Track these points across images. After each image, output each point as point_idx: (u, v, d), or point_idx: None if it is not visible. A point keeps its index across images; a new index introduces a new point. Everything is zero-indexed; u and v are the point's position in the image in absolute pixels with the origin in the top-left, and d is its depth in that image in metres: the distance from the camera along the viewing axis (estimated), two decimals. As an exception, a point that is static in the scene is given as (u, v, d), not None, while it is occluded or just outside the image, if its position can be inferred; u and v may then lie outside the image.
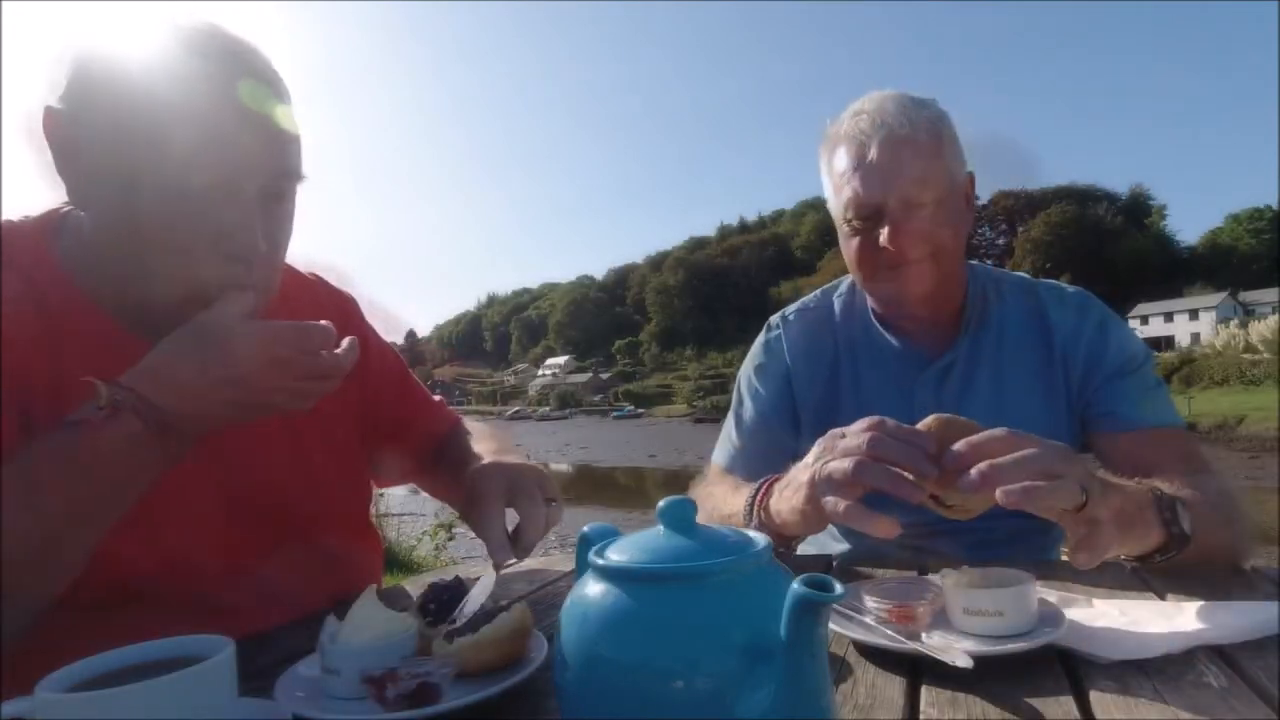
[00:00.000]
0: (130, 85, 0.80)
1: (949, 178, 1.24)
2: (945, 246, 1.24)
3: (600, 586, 0.49)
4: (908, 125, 1.21)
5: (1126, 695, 0.64)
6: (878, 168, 1.21)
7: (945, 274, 1.27)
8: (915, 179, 1.21)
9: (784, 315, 1.50)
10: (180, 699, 0.52)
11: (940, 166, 1.23)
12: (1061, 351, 1.29)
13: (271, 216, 0.88)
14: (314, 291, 1.16)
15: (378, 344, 1.23)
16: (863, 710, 0.64)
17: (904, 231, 1.21)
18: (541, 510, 0.93)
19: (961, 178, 1.28)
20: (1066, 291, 1.36)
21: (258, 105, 0.84)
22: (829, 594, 0.42)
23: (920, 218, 1.22)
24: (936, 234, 1.23)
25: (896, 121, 1.21)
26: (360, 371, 1.17)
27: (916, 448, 0.81)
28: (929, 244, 1.23)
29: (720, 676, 0.44)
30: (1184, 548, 0.89)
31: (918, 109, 1.24)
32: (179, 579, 0.90)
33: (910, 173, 1.21)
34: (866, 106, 1.26)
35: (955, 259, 1.28)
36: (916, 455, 0.80)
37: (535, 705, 0.68)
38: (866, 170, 1.22)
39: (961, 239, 1.28)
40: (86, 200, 0.87)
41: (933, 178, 1.21)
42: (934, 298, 1.30)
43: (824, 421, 1.41)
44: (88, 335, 0.88)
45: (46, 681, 0.53)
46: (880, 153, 1.21)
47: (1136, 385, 1.25)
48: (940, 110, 1.27)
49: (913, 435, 0.83)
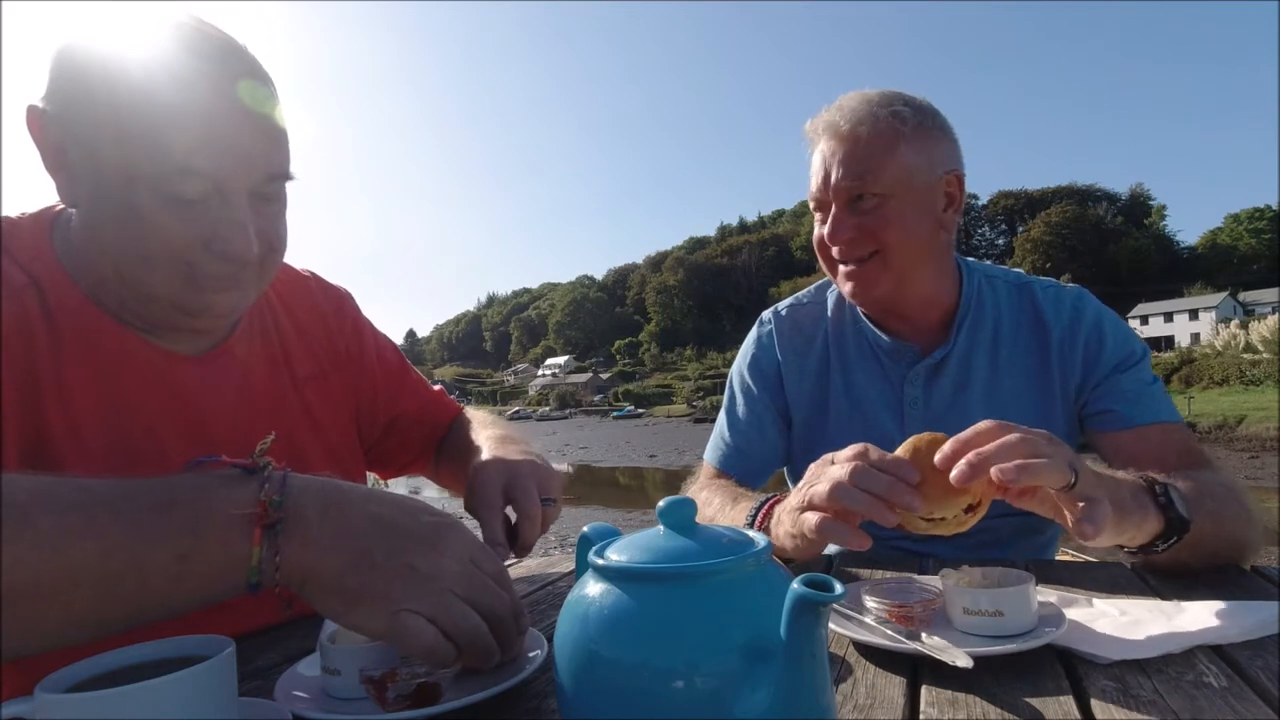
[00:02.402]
0: (115, 84, 0.79)
1: (904, 175, 1.21)
2: (892, 247, 1.22)
3: (600, 586, 0.49)
4: (852, 121, 1.21)
5: (1126, 695, 0.64)
6: (825, 162, 1.24)
7: (898, 275, 1.25)
8: (855, 174, 1.21)
9: (776, 310, 1.49)
10: (180, 699, 0.52)
11: (893, 163, 1.20)
12: (1057, 349, 1.28)
13: (264, 216, 0.87)
14: (308, 289, 1.16)
15: (374, 338, 1.23)
16: (863, 710, 0.64)
17: (843, 227, 1.23)
18: (538, 509, 0.92)
19: (931, 176, 1.24)
20: (1062, 289, 1.34)
21: (251, 104, 0.83)
22: (829, 594, 0.42)
23: (863, 213, 1.22)
24: (881, 231, 1.21)
25: (846, 117, 1.22)
26: (356, 368, 1.17)
27: (899, 480, 0.81)
28: (874, 241, 1.22)
29: (720, 676, 0.44)
30: (1184, 533, 0.87)
31: (881, 105, 1.22)
32: None
33: (852, 168, 1.21)
34: (839, 102, 1.27)
35: (910, 258, 1.25)
36: (898, 488, 0.81)
37: (535, 705, 0.68)
38: (819, 165, 1.26)
39: (923, 238, 1.25)
40: (75, 198, 0.86)
41: (880, 174, 1.20)
42: (894, 299, 1.29)
43: (814, 419, 1.40)
44: (88, 333, 0.88)
45: (46, 681, 0.53)
46: (828, 147, 1.24)
47: (1133, 382, 1.24)
48: (916, 108, 1.24)
49: (896, 466, 0.83)
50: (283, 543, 0.62)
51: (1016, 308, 1.34)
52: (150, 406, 0.91)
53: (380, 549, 0.64)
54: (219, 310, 0.89)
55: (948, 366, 1.31)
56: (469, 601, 0.65)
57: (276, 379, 1.05)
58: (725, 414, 1.48)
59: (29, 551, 0.56)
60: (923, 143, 1.23)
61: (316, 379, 1.10)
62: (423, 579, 0.64)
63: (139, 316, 0.90)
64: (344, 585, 0.63)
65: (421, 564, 0.64)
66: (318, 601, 0.64)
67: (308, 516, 0.64)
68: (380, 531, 0.65)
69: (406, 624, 0.62)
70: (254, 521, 0.62)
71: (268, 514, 0.62)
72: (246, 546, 0.61)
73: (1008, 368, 1.30)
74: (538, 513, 0.92)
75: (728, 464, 1.42)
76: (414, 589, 0.63)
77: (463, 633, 0.64)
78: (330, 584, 0.63)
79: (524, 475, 0.96)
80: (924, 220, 1.25)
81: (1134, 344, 1.28)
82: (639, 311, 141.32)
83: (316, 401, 1.09)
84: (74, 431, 0.85)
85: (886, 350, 1.35)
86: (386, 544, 0.64)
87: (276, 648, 0.88)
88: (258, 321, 1.06)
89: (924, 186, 1.24)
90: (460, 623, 0.64)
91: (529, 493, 0.93)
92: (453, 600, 0.64)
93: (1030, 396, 1.29)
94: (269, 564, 0.62)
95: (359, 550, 0.64)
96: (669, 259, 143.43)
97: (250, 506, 0.62)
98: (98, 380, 0.88)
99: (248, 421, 0.99)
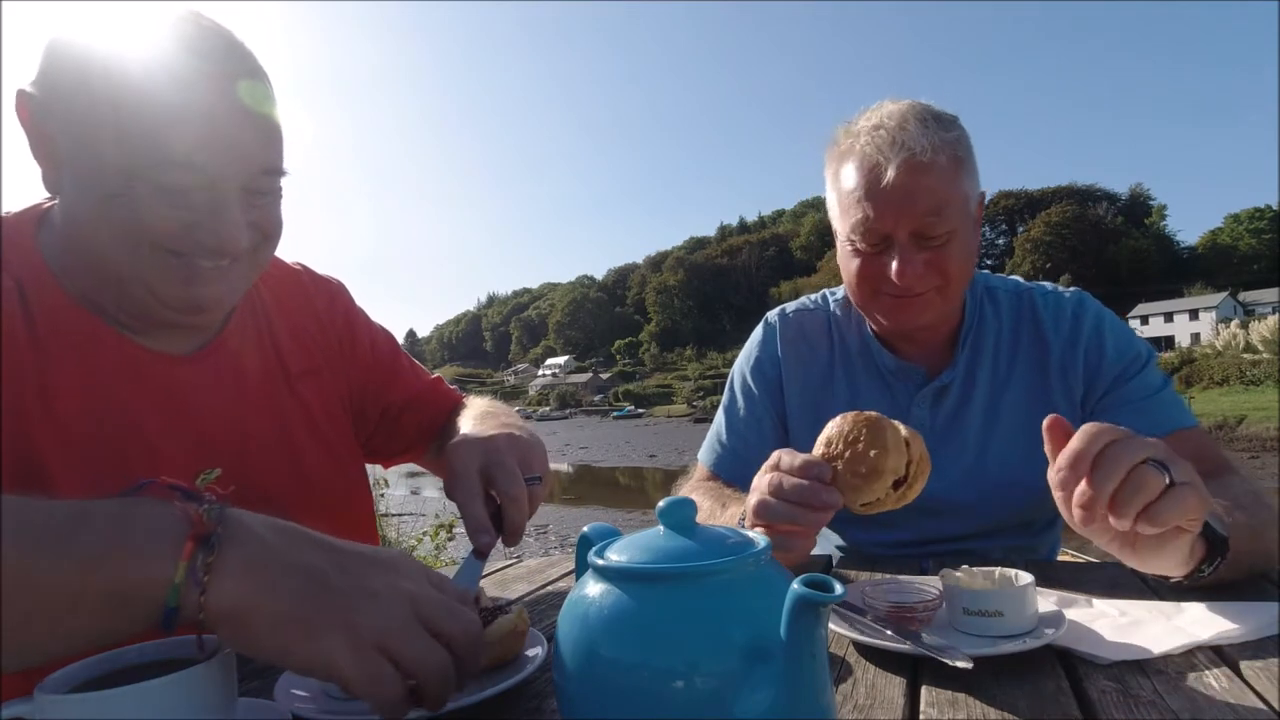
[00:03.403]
0: (111, 77, 0.78)
1: (965, 206, 1.16)
2: (955, 278, 1.18)
3: (600, 586, 0.49)
4: (929, 150, 1.11)
5: (1126, 695, 0.64)
6: (893, 195, 1.12)
7: (950, 305, 1.23)
8: (932, 210, 1.12)
9: (783, 311, 1.47)
10: (180, 699, 0.52)
11: (959, 196, 1.15)
12: (1057, 363, 1.26)
13: (257, 208, 0.86)
14: (300, 282, 1.15)
15: (366, 328, 1.21)
16: (863, 710, 0.64)
17: (914, 264, 1.14)
18: (523, 489, 0.83)
19: (975, 202, 1.21)
20: (1062, 297, 1.31)
21: (248, 102, 0.82)
22: (829, 594, 0.42)
23: (932, 249, 1.15)
24: (947, 266, 1.16)
25: (918, 144, 1.12)
26: (349, 360, 1.16)
27: (812, 480, 0.85)
28: (939, 276, 1.17)
29: (720, 676, 0.44)
30: (1225, 553, 0.82)
31: (941, 129, 1.15)
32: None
33: (928, 204, 1.12)
34: (886, 121, 1.16)
35: (962, 288, 1.23)
36: (813, 490, 0.84)
37: (535, 705, 0.68)
38: (880, 196, 1.13)
39: (971, 267, 1.22)
40: (59, 186, 0.85)
41: (950, 209, 1.14)
42: (934, 326, 1.27)
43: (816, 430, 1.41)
44: (73, 335, 0.87)
45: (46, 682, 0.53)
46: (897, 178, 1.12)
47: (1141, 390, 1.20)
48: (962, 130, 1.19)
49: (808, 468, 0.86)
50: (216, 565, 0.53)
51: (1016, 320, 1.31)
52: (140, 408, 0.90)
53: (333, 569, 0.57)
54: (207, 303, 0.87)
55: (951, 389, 1.30)
56: (432, 626, 0.57)
57: (270, 376, 1.04)
58: (724, 414, 1.46)
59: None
60: (972, 167, 1.19)
61: (311, 375, 1.09)
62: (385, 602, 0.56)
63: (128, 315, 0.90)
64: (297, 614, 0.54)
65: (380, 585, 0.57)
66: (260, 639, 0.54)
67: (250, 536, 0.56)
68: (330, 554, 0.58)
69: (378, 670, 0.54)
70: (185, 535, 0.53)
71: (203, 525, 0.54)
72: (169, 563, 0.52)
73: (1008, 383, 1.29)
74: (522, 493, 0.83)
75: (721, 467, 1.41)
76: (376, 613, 0.55)
77: (426, 668, 0.56)
78: (281, 613, 0.54)
79: (501, 452, 0.85)
80: (973, 248, 1.22)
81: (1137, 348, 1.24)
82: (639, 311, 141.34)
83: (311, 398, 1.08)
84: (58, 435, 0.84)
85: (892, 371, 1.33)
86: (339, 564, 0.57)
87: (276, 648, 0.88)
88: (249, 319, 1.04)
89: (973, 215, 1.21)
90: (425, 656, 0.56)
91: (510, 472, 0.83)
92: (417, 630, 0.56)
93: (1030, 411, 1.25)
94: (193, 588, 0.52)
95: (310, 571, 0.56)
96: (669, 259, 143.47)
97: (181, 521, 0.54)
98: (84, 383, 0.87)
99: (242, 420, 0.98)
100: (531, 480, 0.85)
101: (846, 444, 0.85)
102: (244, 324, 1.03)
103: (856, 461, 0.83)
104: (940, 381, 1.30)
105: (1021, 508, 1.26)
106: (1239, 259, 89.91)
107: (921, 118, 1.15)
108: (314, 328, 1.12)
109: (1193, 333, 58.84)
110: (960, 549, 1.27)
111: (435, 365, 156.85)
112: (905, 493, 0.84)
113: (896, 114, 1.17)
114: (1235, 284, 73.25)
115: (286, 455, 1.03)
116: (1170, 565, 0.81)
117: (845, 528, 1.40)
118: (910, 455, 0.84)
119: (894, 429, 0.85)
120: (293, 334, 1.09)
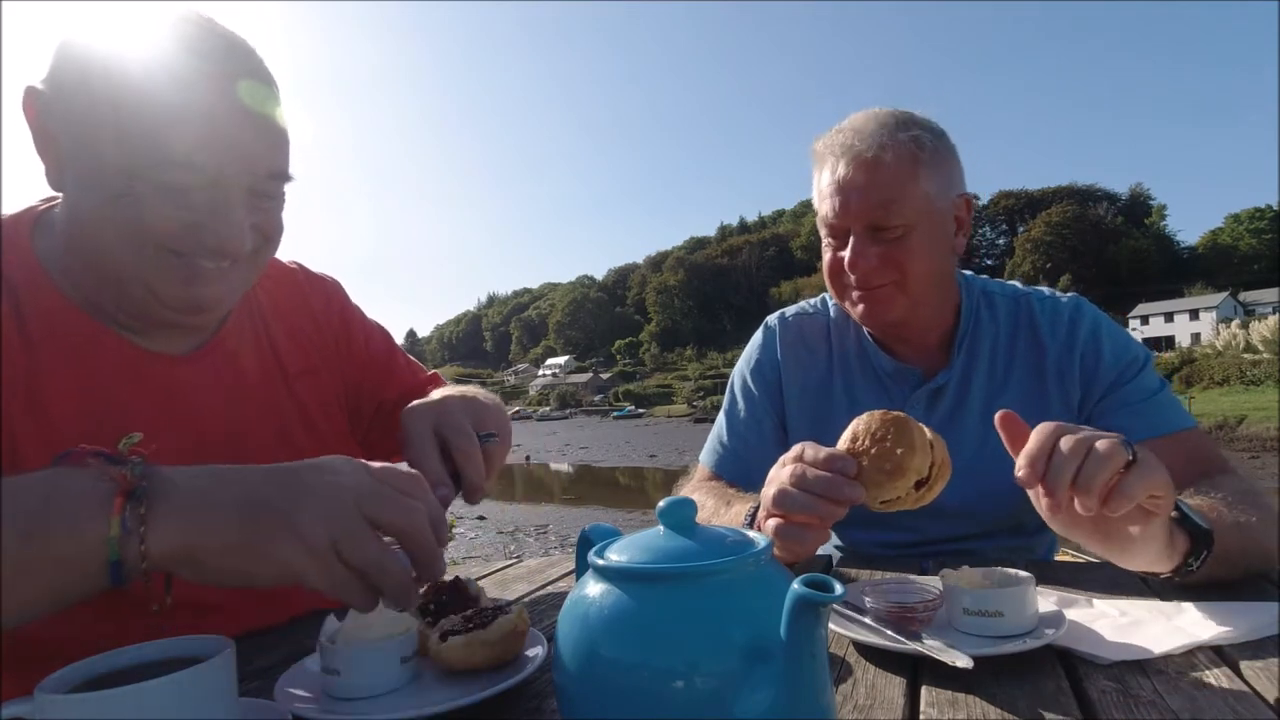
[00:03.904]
0: (116, 79, 0.79)
1: (925, 203, 1.19)
2: (913, 273, 1.21)
3: (600, 586, 0.49)
4: (876, 147, 1.17)
5: (1126, 695, 0.64)
6: (844, 189, 1.20)
7: (914, 301, 1.24)
8: (880, 204, 1.18)
9: (783, 315, 1.48)
10: (180, 699, 0.52)
11: (914, 192, 1.18)
12: (1054, 367, 1.26)
13: (260, 211, 0.87)
14: (295, 281, 1.15)
15: (362, 325, 1.21)
16: (863, 710, 0.64)
17: (865, 256, 1.20)
18: (475, 446, 0.83)
19: (945, 202, 1.23)
20: (1059, 302, 1.32)
21: (251, 104, 0.83)
22: (829, 594, 0.42)
23: (886, 242, 1.19)
24: (904, 260, 1.19)
25: (867, 143, 1.18)
26: (345, 358, 1.16)
27: (837, 474, 0.85)
28: (895, 270, 1.20)
29: (720, 676, 0.44)
30: (1211, 545, 0.84)
31: (900, 129, 1.19)
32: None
33: (877, 197, 1.17)
34: (851, 123, 1.24)
35: (928, 286, 1.25)
36: (836, 484, 0.84)
37: (535, 705, 0.68)
38: (835, 189, 1.21)
39: (940, 265, 1.25)
40: (63, 183, 0.85)
41: (902, 204, 1.18)
42: (906, 323, 1.28)
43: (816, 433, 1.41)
44: (68, 336, 0.87)
45: (46, 682, 0.53)
46: (847, 173, 1.19)
47: (1138, 393, 1.21)
48: (931, 131, 1.22)
49: (832, 462, 0.86)
50: (149, 515, 0.57)
51: (1013, 324, 1.32)
52: (137, 408, 0.90)
53: (268, 486, 0.59)
54: (208, 303, 0.88)
55: (947, 391, 1.31)
56: (378, 520, 0.60)
57: (268, 376, 1.04)
58: (725, 416, 1.47)
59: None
60: (939, 167, 1.22)
61: (308, 374, 1.09)
62: (326, 502, 0.59)
63: (127, 315, 0.90)
64: (241, 538, 0.57)
65: (318, 485, 0.59)
66: (213, 569, 0.58)
67: (176, 484, 0.59)
68: (264, 475, 0.61)
69: (337, 573, 0.58)
70: (113, 491, 0.57)
71: (127, 481, 0.57)
72: (102, 522, 0.56)
73: (1004, 387, 1.29)
74: (475, 450, 0.82)
75: (723, 467, 1.41)
76: (320, 515, 0.58)
77: (379, 572, 0.59)
78: (227, 543, 0.57)
79: (454, 412, 0.86)
80: (941, 247, 1.24)
81: (1134, 351, 1.25)
82: (639, 311, 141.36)
83: (309, 397, 1.08)
84: (50, 437, 0.84)
85: (889, 373, 1.34)
86: (273, 481, 0.60)
87: (276, 648, 0.88)
88: (246, 319, 1.05)
89: (940, 213, 1.23)
90: (375, 561, 0.59)
91: (461, 429, 0.83)
92: (364, 532, 0.59)
93: (1027, 415, 1.23)
94: (132, 539, 0.56)
95: (245, 496, 0.59)
96: (669, 259, 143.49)
97: (106, 482, 0.58)
98: (80, 385, 0.87)
99: (241, 419, 0.98)
100: (486, 437, 0.85)
101: (874, 440, 0.84)
102: (241, 324, 1.04)
103: (883, 458, 0.83)
104: (936, 383, 1.31)
105: (1017, 509, 1.26)
106: (1239, 259, 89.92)
107: (881, 120, 1.22)
108: (310, 327, 1.13)
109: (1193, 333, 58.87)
110: (958, 549, 1.27)
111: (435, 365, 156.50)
112: (924, 494, 0.84)
113: (861, 117, 1.25)
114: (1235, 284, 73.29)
115: (284, 454, 1.02)
116: (1151, 557, 0.82)
117: (845, 528, 1.41)
118: (934, 458, 0.84)
119: (920, 430, 0.85)
120: (290, 334, 1.09)
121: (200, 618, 0.87)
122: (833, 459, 0.86)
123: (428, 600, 0.81)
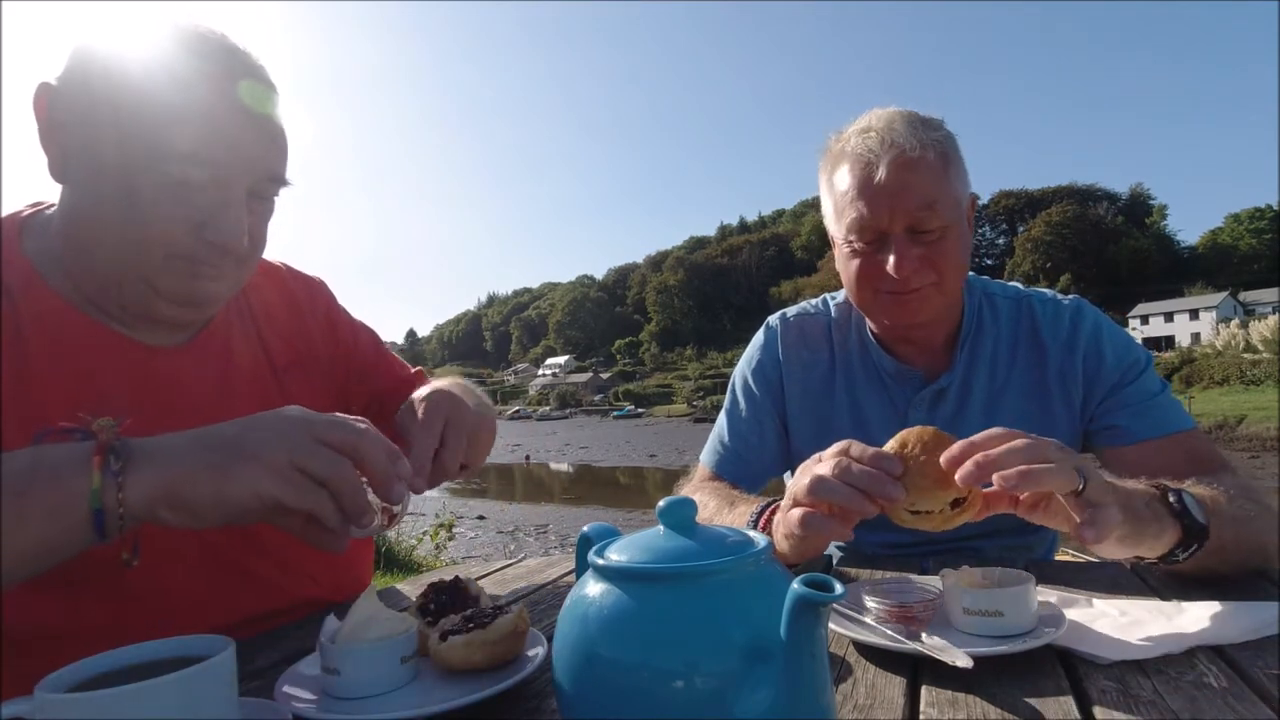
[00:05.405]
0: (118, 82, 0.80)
1: (955, 202, 1.19)
2: (950, 273, 1.20)
3: (600, 586, 0.49)
4: (918, 146, 1.16)
5: (1126, 695, 0.64)
6: (885, 191, 1.16)
7: (950, 301, 1.25)
8: (923, 204, 1.16)
9: (784, 316, 1.47)
10: (180, 699, 0.52)
11: (948, 191, 1.18)
12: (1055, 369, 1.27)
13: (254, 213, 0.88)
14: (281, 279, 1.16)
15: (349, 324, 1.22)
16: (863, 710, 0.64)
17: (910, 258, 1.17)
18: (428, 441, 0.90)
19: (966, 201, 1.24)
20: (1060, 304, 1.32)
21: (252, 105, 0.84)
22: (829, 594, 0.42)
23: (926, 244, 1.18)
24: (942, 261, 1.18)
25: (907, 142, 1.16)
26: (331, 355, 1.17)
27: (881, 471, 0.82)
28: (934, 271, 1.19)
29: (720, 676, 0.44)
30: (1204, 540, 0.85)
31: (927, 129, 1.19)
32: (166, 576, 0.90)
33: (919, 198, 1.16)
34: (875, 124, 1.21)
35: (959, 284, 1.25)
36: (879, 480, 0.81)
37: (535, 705, 0.68)
38: (874, 193, 1.17)
39: (966, 266, 1.25)
40: (65, 177, 0.86)
41: (941, 203, 1.16)
42: (935, 322, 1.28)
43: (816, 433, 1.40)
44: (59, 330, 0.88)
45: (46, 681, 0.53)
46: (889, 175, 1.16)
47: (1138, 395, 1.22)
48: (948, 131, 1.23)
49: (878, 459, 0.83)
50: (127, 467, 0.65)
51: (1015, 326, 1.32)
52: (127, 399, 0.90)
53: (226, 428, 0.70)
54: (206, 299, 0.89)
55: (950, 392, 1.30)
56: (329, 439, 0.69)
57: (257, 369, 1.05)
58: (726, 416, 1.47)
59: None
60: (960, 166, 1.22)
61: (297, 367, 1.10)
62: (278, 429, 0.69)
63: (123, 309, 0.90)
64: (207, 464, 0.66)
65: (270, 419, 0.70)
66: (192, 507, 0.66)
67: (147, 445, 0.67)
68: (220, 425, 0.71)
69: (302, 483, 0.66)
70: (92, 450, 0.65)
71: (105, 442, 0.66)
72: (85, 474, 0.64)
73: (1006, 388, 1.29)
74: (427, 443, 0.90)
75: (723, 468, 1.41)
76: (275, 438, 0.67)
77: (334, 476, 0.68)
78: (195, 473, 0.66)
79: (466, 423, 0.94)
80: (967, 246, 1.24)
81: (1135, 353, 1.26)
82: (639, 311, 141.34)
83: (297, 390, 1.09)
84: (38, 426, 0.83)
85: (891, 374, 1.34)
86: (230, 425, 0.70)
87: (276, 648, 0.88)
88: (235, 315, 1.06)
89: (965, 213, 1.23)
90: (330, 466, 0.68)
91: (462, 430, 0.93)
92: (317, 446, 0.68)
93: (1029, 417, 1.27)
94: (111, 489, 0.64)
95: (207, 435, 0.69)
96: (669, 259, 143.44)
97: (86, 445, 0.66)
98: (70, 379, 0.87)
99: (230, 410, 0.99)
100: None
101: (924, 449, 0.84)
102: (230, 319, 1.05)
103: (932, 465, 0.82)
104: (938, 385, 1.30)
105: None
106: (1239, 259, 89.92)
107: (908, 119, 1.20)
108: (297, 323, 1.14)
109: (1193, 332, 58.86)
110: (959, 549, 1.27)
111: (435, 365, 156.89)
112: (955, 516, 0.83)
113: (884, 116, 1.22)
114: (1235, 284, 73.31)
115: None
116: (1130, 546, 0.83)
117: None
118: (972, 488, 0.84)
119: None
120: (277, 330, 1.10)
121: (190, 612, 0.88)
122: (879, 456, 0.84)
123: (428, 600, 0.81)
